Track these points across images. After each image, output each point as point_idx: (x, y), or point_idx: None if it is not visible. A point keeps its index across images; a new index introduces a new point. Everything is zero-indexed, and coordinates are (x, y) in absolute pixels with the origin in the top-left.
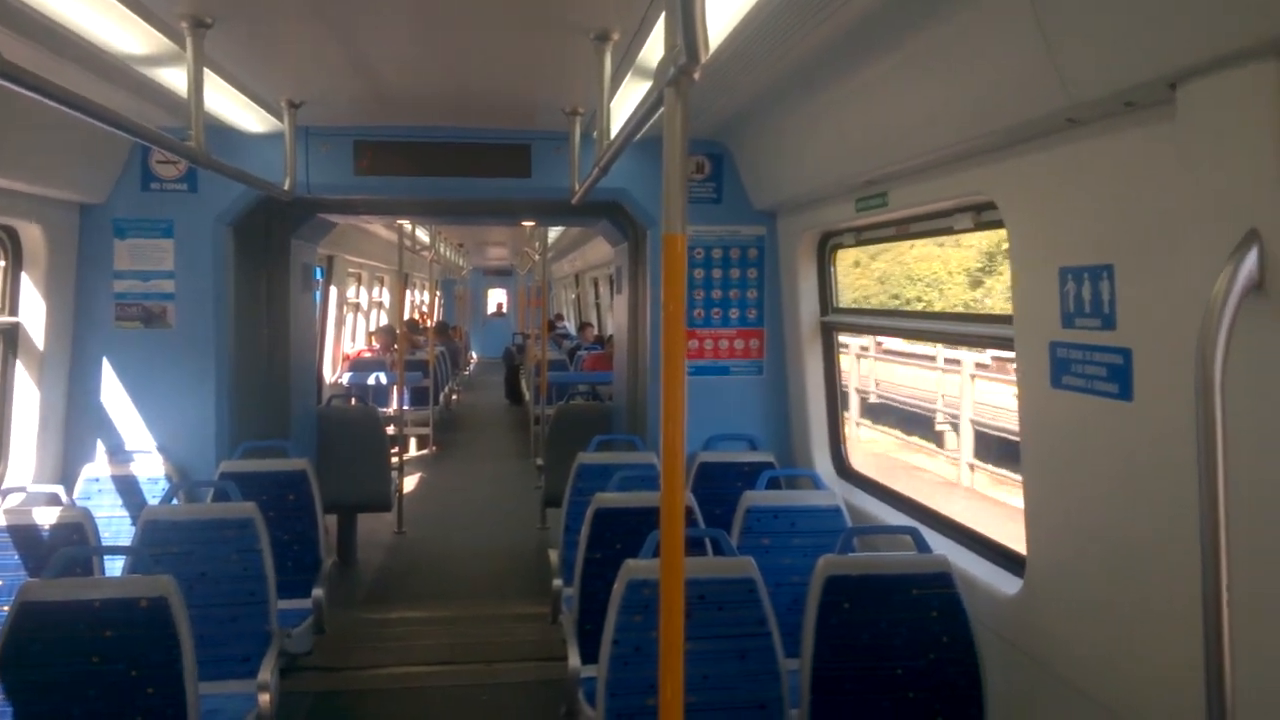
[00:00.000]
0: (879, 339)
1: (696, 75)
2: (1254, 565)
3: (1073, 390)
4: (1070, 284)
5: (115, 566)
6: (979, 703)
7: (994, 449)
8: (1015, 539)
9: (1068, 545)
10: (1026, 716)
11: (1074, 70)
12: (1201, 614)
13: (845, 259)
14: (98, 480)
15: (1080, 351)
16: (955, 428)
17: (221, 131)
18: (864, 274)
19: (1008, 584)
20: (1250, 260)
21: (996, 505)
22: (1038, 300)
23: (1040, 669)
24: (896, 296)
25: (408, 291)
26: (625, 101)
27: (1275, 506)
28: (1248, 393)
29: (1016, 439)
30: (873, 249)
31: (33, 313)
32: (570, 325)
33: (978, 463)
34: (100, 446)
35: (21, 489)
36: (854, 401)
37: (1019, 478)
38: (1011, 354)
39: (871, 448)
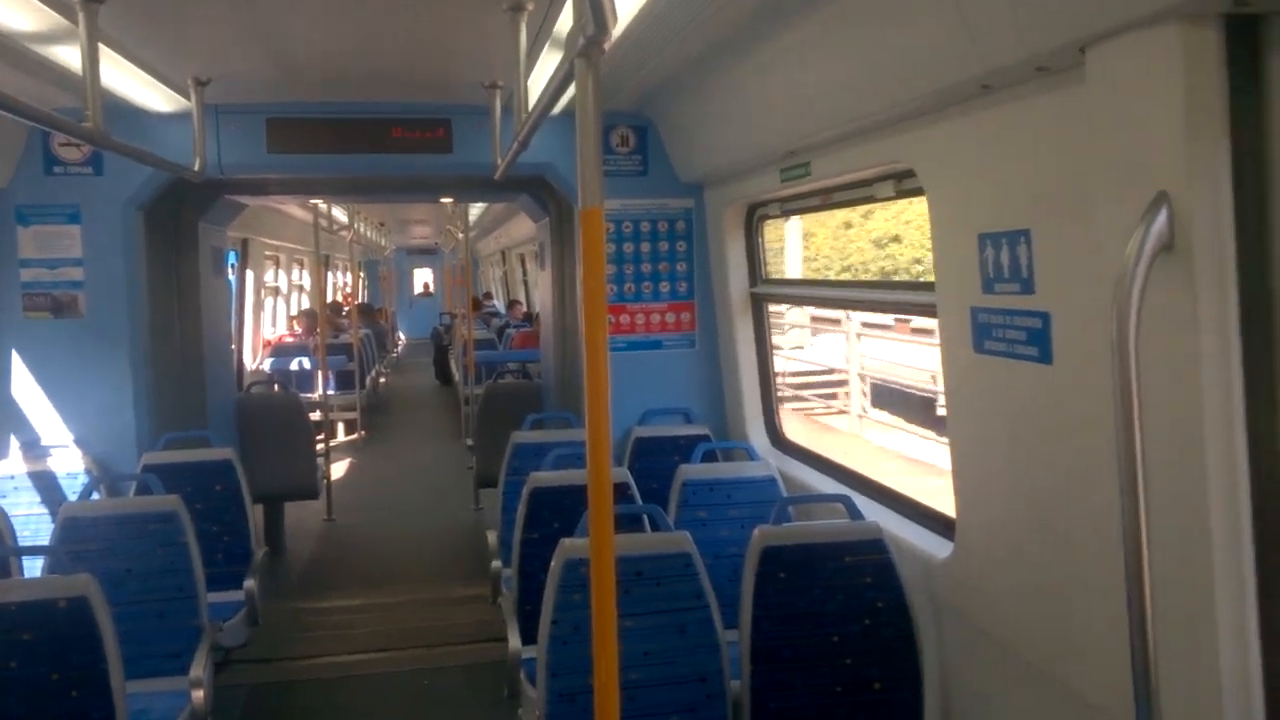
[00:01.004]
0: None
1: (606, 46)
2: (1172, 518)
3: (994, 355)
4: (989, 250)
5: (36, 567)
6: (915, 665)
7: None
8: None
9: (995, 507)
10: (961, 677)
11: (987, 35)
12: (1123, 569)
13: (835, 219)
14: (13, 478)
15: (1001, 316)
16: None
17: (126, 111)
18: (859, 234)
19: (939, 548)
20: (1160, 221)
21: None
22: (958, 266)
23: (973, 630)
24: (891, 256)
25: (330, 273)
26: (543, 74)
27: (1189, 461)
28: (1161, 351)
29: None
30: (864, 207)
31: None
32: (499, 303)
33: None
34: (14, 442)
35: None
36: (856, 391)
37: None
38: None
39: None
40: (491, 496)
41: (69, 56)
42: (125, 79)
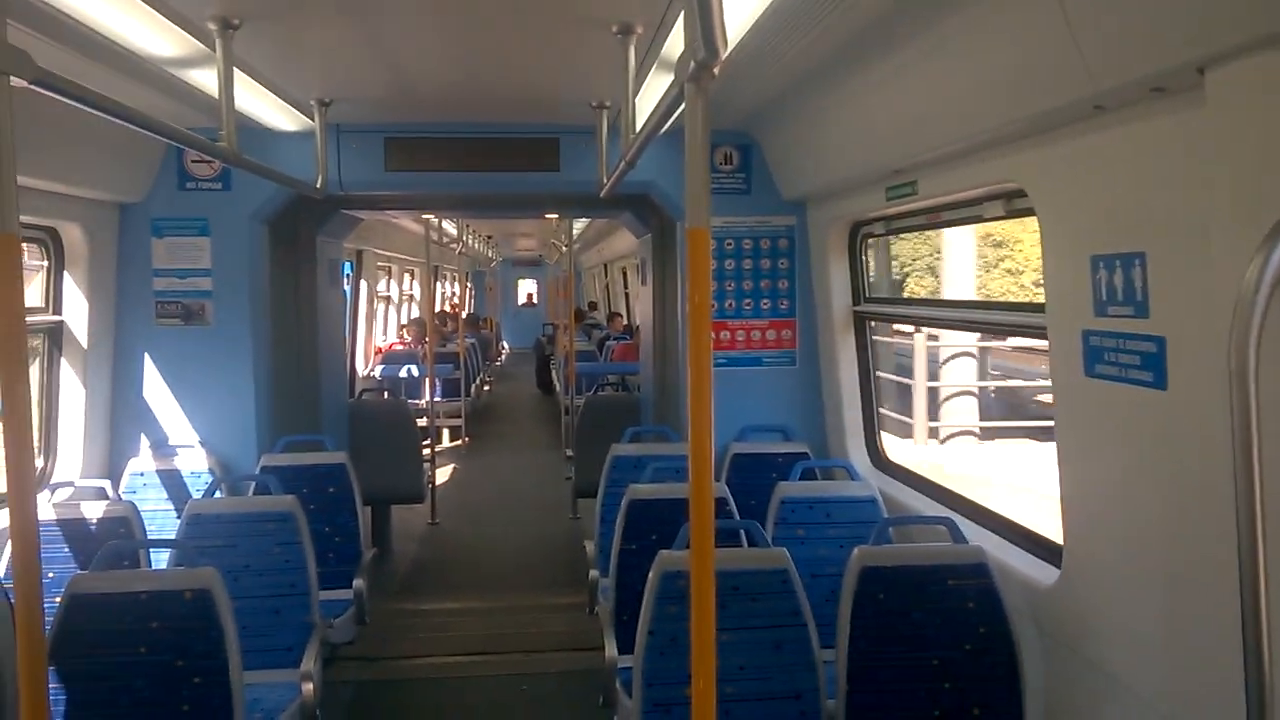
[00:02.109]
0: None
1: (716, 71)
2: None
3: (1106, 379)
4: (1102, 272)
5: (161, 559)
6: (1017, 693)
7: None
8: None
9: (1104, 535)
10: (1064, 707)
11: (1099, 56)
12: (1239, 602)
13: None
14: (143, 475)
15: (1114, 340)
16: None
17: (254, 130)
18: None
19: (1044, 574)
20: None
21: None
22: (1070, 288)
23: (1078, 659)
24: None
25: (438, 283)
26: (650, 94)
27: None
28: None
29: None
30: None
31: (75, 311)
32: (601, 314)
33: None
34: (144, 441)
35: (69, 484)
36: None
37: None
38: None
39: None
40: (589, 506)
41: (203, 79)
42: (254, 100)
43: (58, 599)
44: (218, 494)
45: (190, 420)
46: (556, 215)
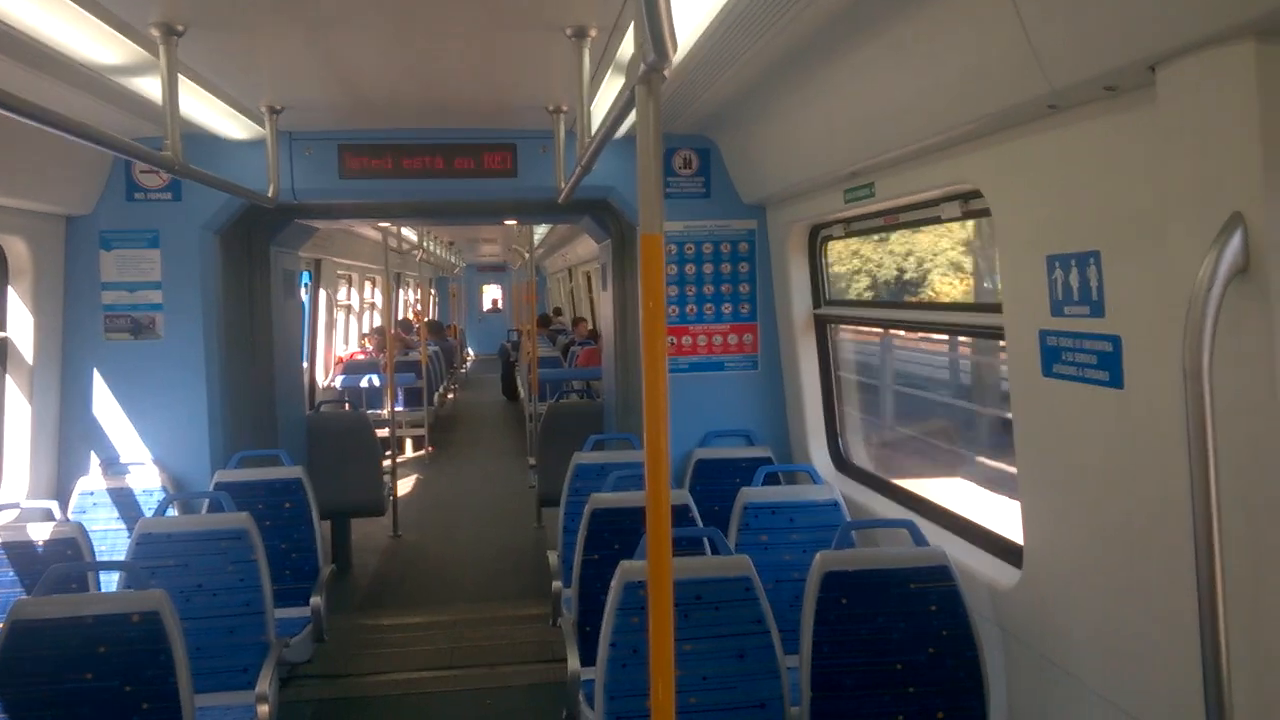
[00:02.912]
0: None
1: (667, 73)
2: (1246, 548)
3: (1064, 379)
4: (1058, 271)
5: (112, 581)
6: (980, 695)
7: None
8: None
9: (1064, 534)
10: (1028, 708)
11: (1053, 55)
12: (1196, 598)
13: None
14: (93, 494)
15: (1070, 339)
16: None
17: (203, 139)
18: None
19: (1006, 575)
20: (1235, 244)
21: None
22: (1026, 288)
23: (1040, 659)
24: None
25: (401, 290)
26: (606, 98)
27: (1265, 488)
28: (1235, 376)
29: None
30: None
31: (21, 327)
32: (566, 319)
33: None
34: (94, 459)
35: (15, 505)
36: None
37: None
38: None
39: None
40: (553, 515)
41: (149, 87)
42: (203, 108)
43: (0, 625)
44: (170, 512)
45: (142, 437)
46: (515, 221)
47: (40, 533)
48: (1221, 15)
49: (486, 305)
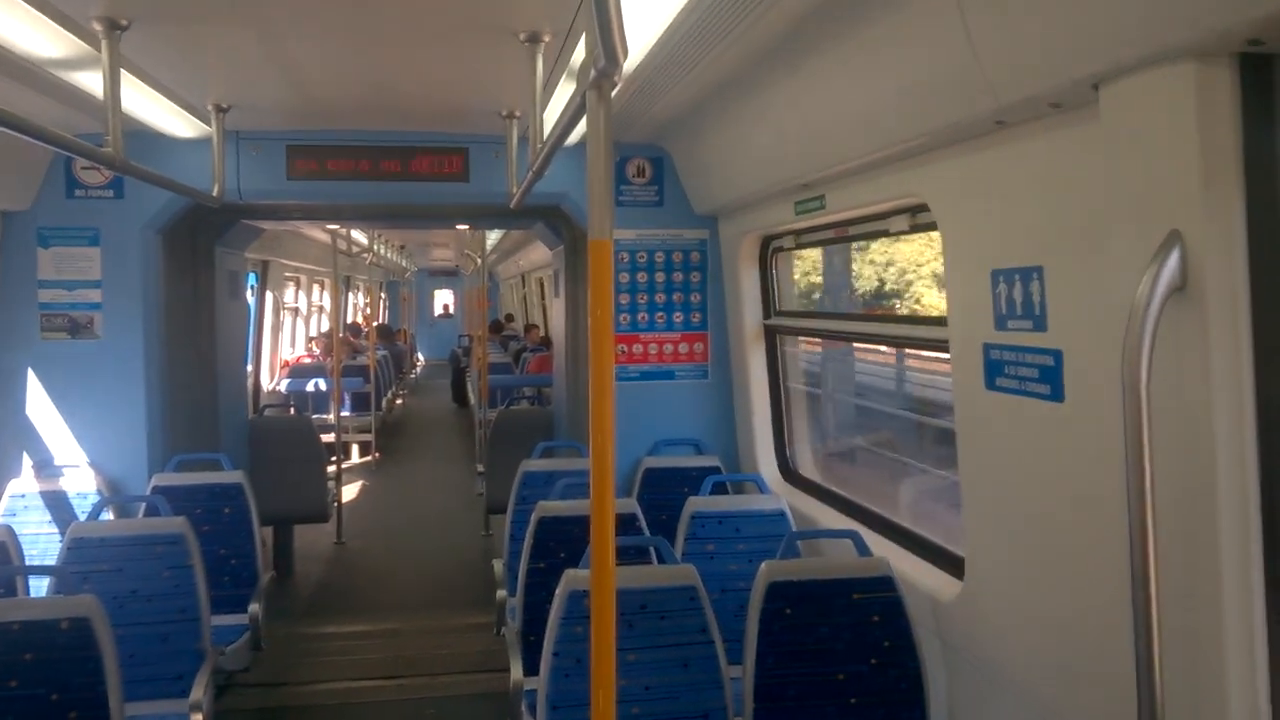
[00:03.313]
0: None
1: (618, 79)
2: (1180, 560)
3: (1006, 392)
4: (1002, 285)
5: (42, 586)
6: (921, 706)
7: None
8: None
9: (1004, 546)
10: (968, 718)
11: (999, 72)
12: (1131, 610)
13: None
14: (24, 496)
15: (1013, 353)
16: None
17: (147, 136)
18: None
19: (948, 586)
20: (1172, 262)
21: None
22: (971, 302)
23: (981, 670)
24: None
25: (351, 294)
26: (559, 104)
27: (1200, 503)
28: (1173, 392)
29: None
30: None
31: None
32: (519, 325)
33: None
34: (26, 461)
35: None
36: None
37: None
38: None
39: None
40: (501, 522)
41: (91, 82)
42: (147, 104)
43: None
44: (105, 516)
45: (77, 439)
46: (468, 226)
47: None
48: (1162, 37)
49: (438, 310)
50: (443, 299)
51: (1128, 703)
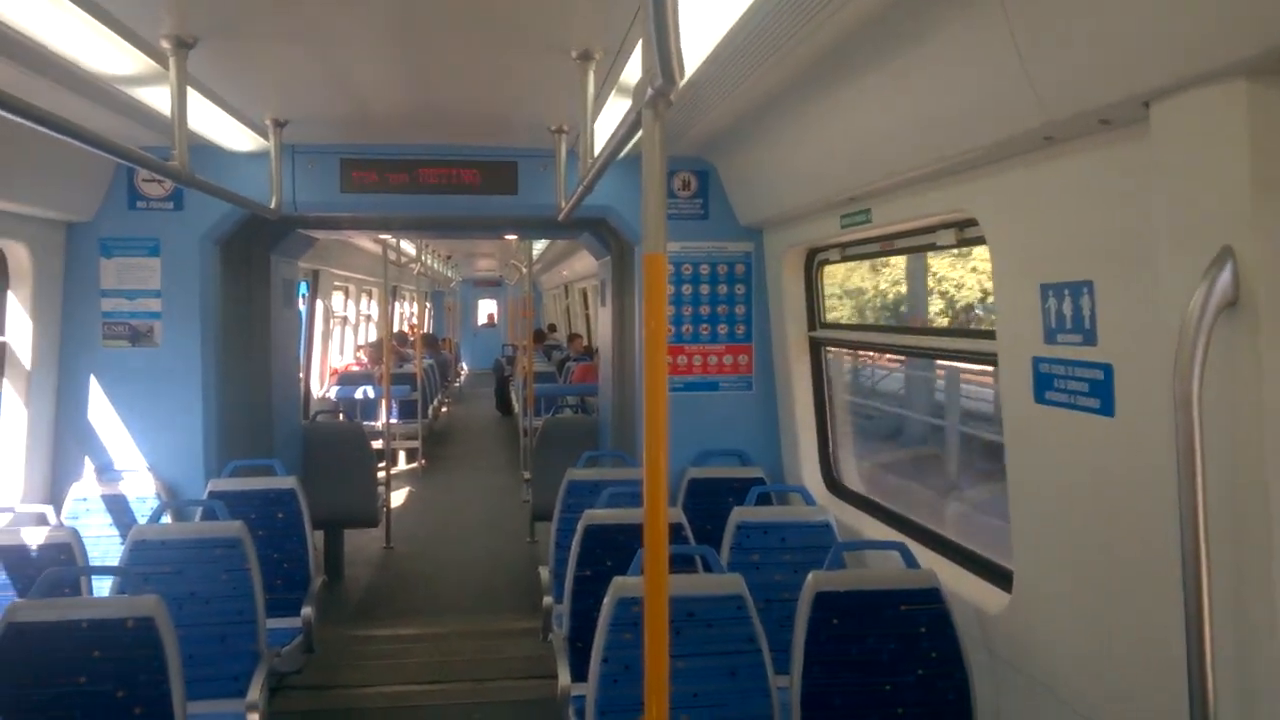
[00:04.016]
0: None
1: (673, 97)
2: (1233, 574)
3: (1056, 405)
4: (1051, 300)
5: (103, 587)
6: (969, 718)
7: None
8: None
9: (1053, 560)
10: None
11: (1049, 89)
12: (1183, 626)
13: None
14: (86, 499)
15: (1062, 367)
16: None
17: (207, 150)
18: None
19: (996, 599)
20: (1225, 277)
21: None
22: (1020, 316)
23: (1028, 683)
24: None
25: (397, 303)
26: (608, 119)
27: (1252, 518)
28: (1225, 407)
29: None
30: None
31: (19, 332)
32: (561, 335)
33: None
34: (89, 465)
35: (9, 509)
36: None
37: None
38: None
39: None
40: (546, 529)
41: (156, 98)
42: (208, 119)
43: None
44: (164, 519)
45: (137, 444)
46: (515, 236)
47: (34, 537)
48: (1215, 54)
49: (481, 320)
50: (486, 309)
51: (1180, 718)
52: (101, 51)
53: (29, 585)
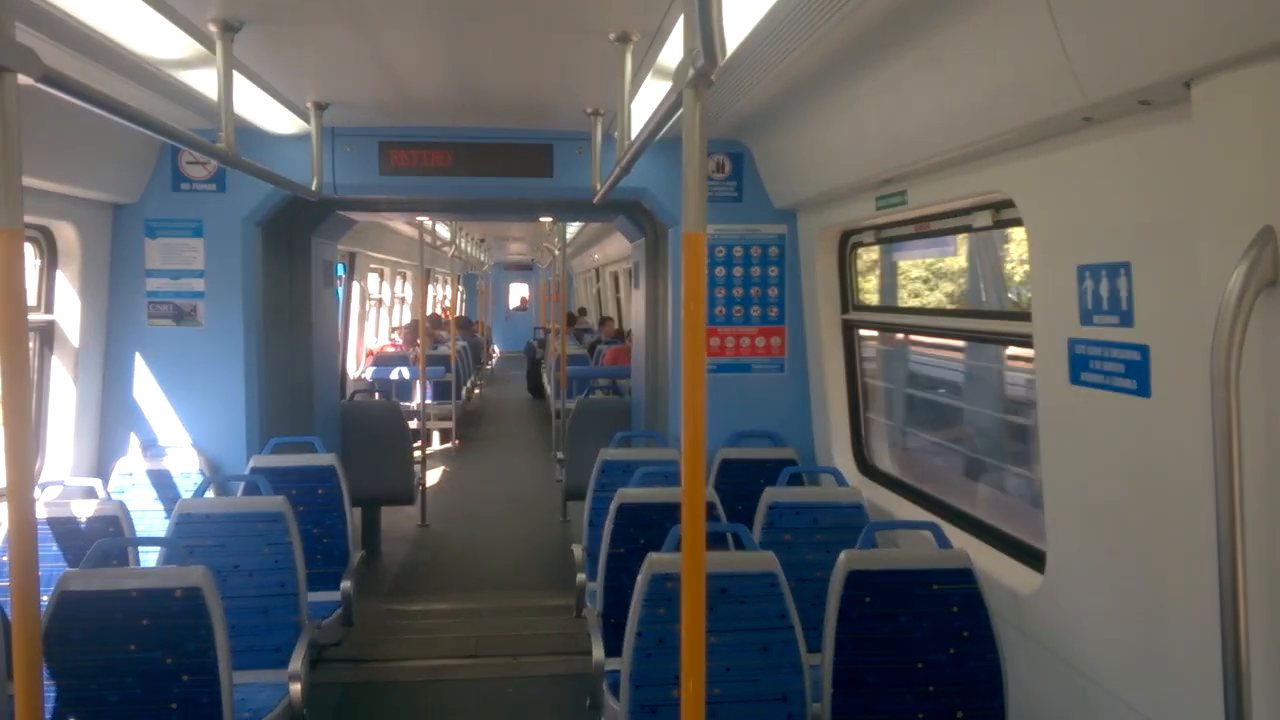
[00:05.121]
0: None
1: (714, 78)
2: (1270, 556)
3: (1091, 386)
4: (1088, 281)
5: (149, 559)
6: (1000, 697)
7: None
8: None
9: (1087, 540)
10: (1047, 711)
11: (1089, 69)
12: (1218, 606)
13: None
14: (131, 474)
15: (1099, 348)
16: None
17: (250, 133)
18: None
19: (1028, 579)
20: (1265, 257)
21: None
22: (1056, 297)
23: (1060, 663)
24: None
25: (430, 286)
26: (646, 101)
27: None
28: (1262, 387)
29: None
30: None
31: (68, 311)
32: (592, 319)
33: None
34: (134, 441)
35: (59, 482)
36: None
37: None
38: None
39: None
40: (578, 509)
41: (202, 80)
42: (251, 102)
43: (46, 596)
44: (207, 494)
45: (181, 420)
46: (550, 219)
47: (83, 509)
48: (1257, 34)
49: (513, 303)
50: (518, 292)
51: (1213, 699)
52: (151, 35)
53: (79, 556)
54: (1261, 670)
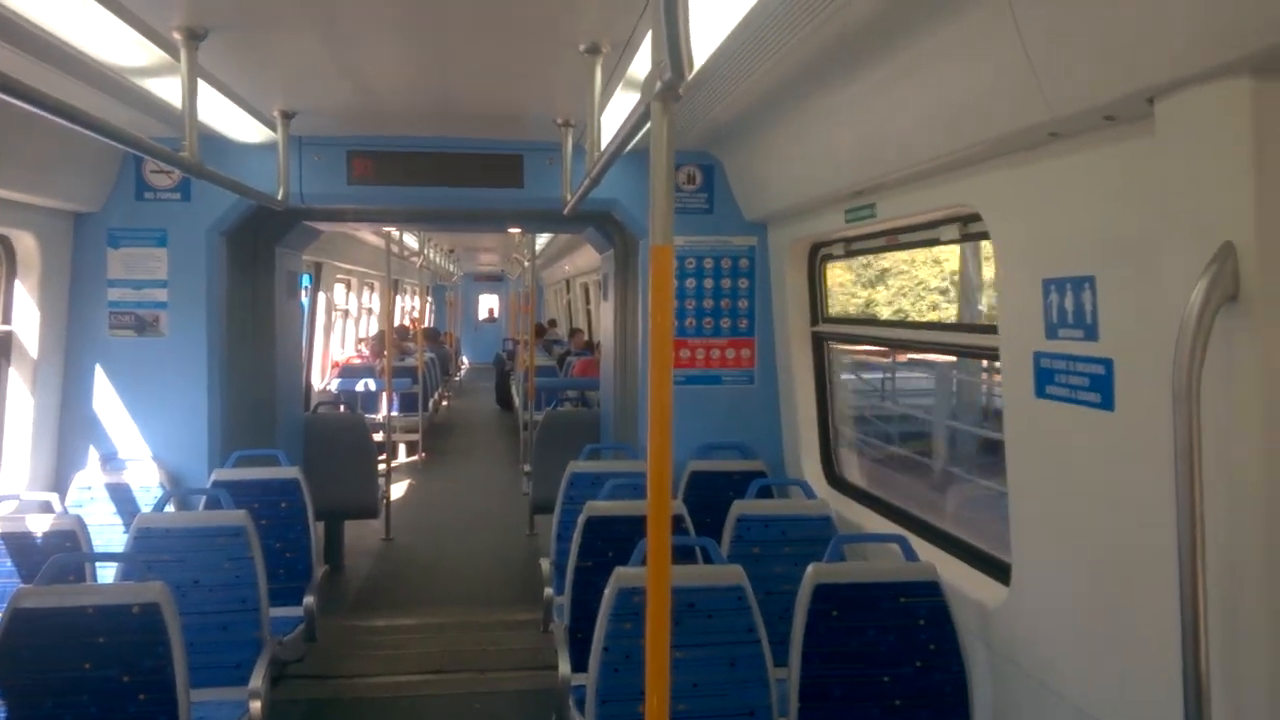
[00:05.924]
0: None
1: (681, 91)
2: (1230, 569)
3: (1056, 400)
4: (1053, 295)
5: (108, 574)
6: (965, 710)
7: None
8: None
9: (1052, 554)
10: None
11: (1055, 85)
12: (1179, 620)
13: None
14: (90, 488)
15: (1063, 361)
16: None
17: (215, 141)
18: None
19: (994, 592)
20: (1226, 272)
21: None
22: (1022, 311)
23: (1026, 676)
24: None
25: (398, 297)
26: (616, 113)
27: (1251, 513)
28: (1223, 401)
29: None
30: None
31: (26, 321)
32: (562, 330)
33: None
34: (93, 454)
35: (14, 496)
36: None
37: None
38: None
39: None
40: (546, 523)
41: (166, 88)
42: (216, 111)
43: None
44: (168, 508)
45: (142, 433)
46: (519, 230)
47: (39, 524)
48: (1219, 51)
49: (483, 314)
50: (487, 303)
51: (1174, 711)
52: (114, 42)
53: (34, 572)
54: (1220, 682)
